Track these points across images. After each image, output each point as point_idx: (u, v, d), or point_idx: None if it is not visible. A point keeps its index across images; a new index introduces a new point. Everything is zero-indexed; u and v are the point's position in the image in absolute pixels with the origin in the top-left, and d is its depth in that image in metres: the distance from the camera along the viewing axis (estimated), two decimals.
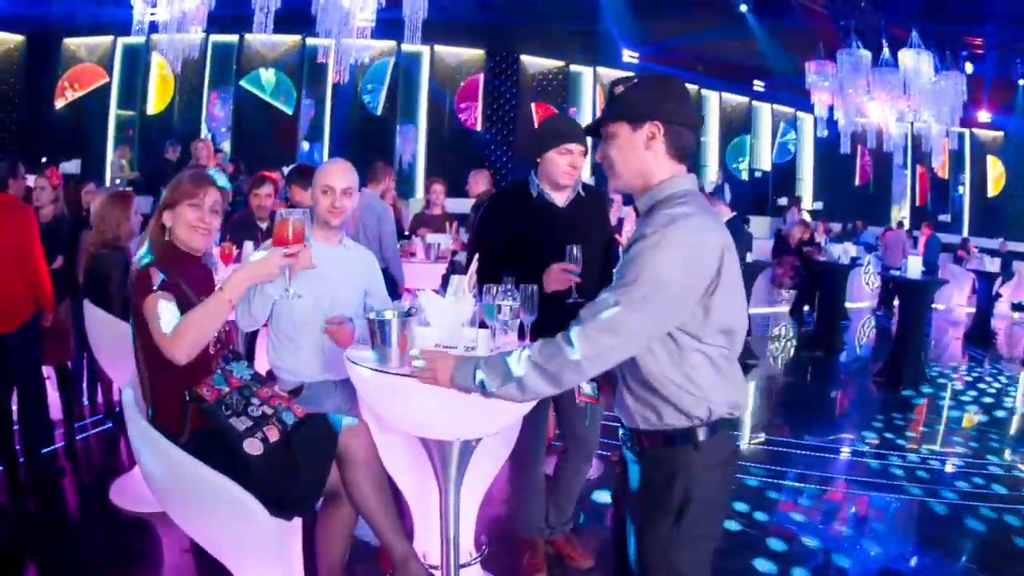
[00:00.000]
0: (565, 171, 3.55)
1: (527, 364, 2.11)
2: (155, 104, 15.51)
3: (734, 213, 8.65)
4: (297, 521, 2.84)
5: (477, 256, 3.10)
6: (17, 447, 4.78)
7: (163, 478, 2.77)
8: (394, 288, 4.52)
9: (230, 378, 2.79)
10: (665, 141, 2.17)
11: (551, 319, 2.83)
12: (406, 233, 7.67)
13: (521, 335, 2.77)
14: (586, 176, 3.67)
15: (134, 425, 2.74)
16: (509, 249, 3.49)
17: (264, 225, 5.80)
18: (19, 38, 14.69)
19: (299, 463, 2.74)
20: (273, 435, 2.72)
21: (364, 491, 2.83)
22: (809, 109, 18.58)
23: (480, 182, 7.41)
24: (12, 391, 4.80)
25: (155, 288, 2.68)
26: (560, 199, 3.64)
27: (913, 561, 4.27)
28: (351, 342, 3.13)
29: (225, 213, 3.18)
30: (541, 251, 3.43)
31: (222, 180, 2.97)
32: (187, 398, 2.71)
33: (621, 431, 2.32)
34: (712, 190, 15.36)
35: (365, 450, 2.86)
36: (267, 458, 2.68)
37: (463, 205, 8.14)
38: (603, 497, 4.68)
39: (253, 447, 2.66)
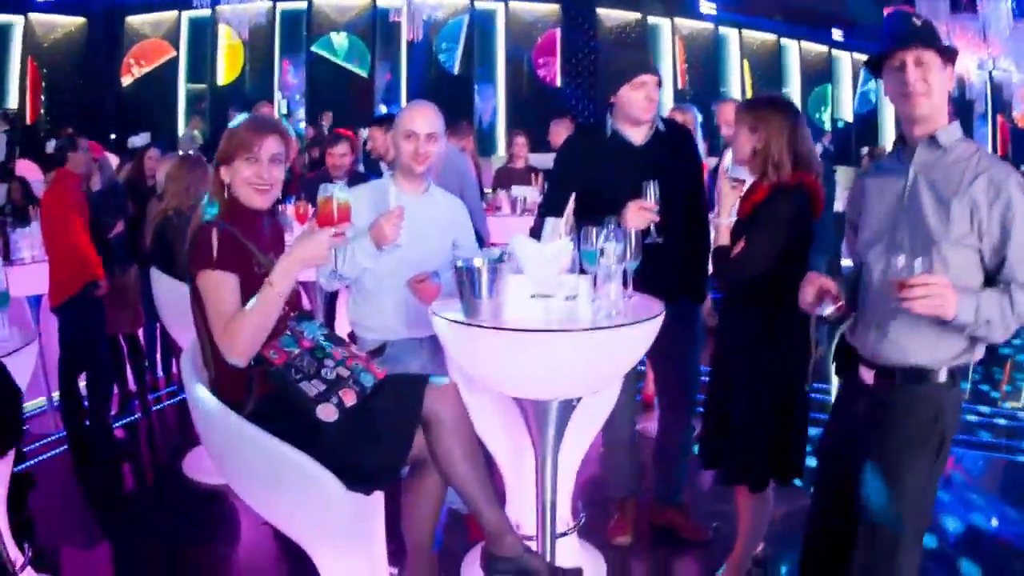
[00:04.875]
0: (643, 106, 3.31)
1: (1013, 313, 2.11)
2: (225, 75, 15.51)
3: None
4: (378, 495, 2.57)
5: (573, 198, 2.84)
6: (87, 422, 4.75)
7: (227, 452, 2.51)
8: (480, 244, 4.26)
9: (301, 339, 2.50)
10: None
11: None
12: (487, 191, 7.44)
13: (624, 283, 2.49)
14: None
15: (193, 394, 2.49)
16: (582, 190, 3.23)
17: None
18: (80, 20, 14.83)
19: (380, 430, 2.46)
20: (350, 399, 2.42)
21: (453, 458, 2.54)
22: None
23: (562, 132, 6.94)
24: (75, 366, 4.76)
25: (214, 257, 2.39)
26: (637, 136, 3.40)
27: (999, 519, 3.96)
28: (434, 297, 2.89)
29: (308, 166, 2.92)
30: (616, 191, 3.16)
31: (283, 125, 2.66)
32: (252, 363, 2.42)
33: (869, 370, 2.31)
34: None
35: (454, 413, 2.56)
36: (343, 425, 2.39)
37: (547, 160, 7.89)
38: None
39: (327, 413, 2.37)
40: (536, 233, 3.03)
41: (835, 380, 2.50)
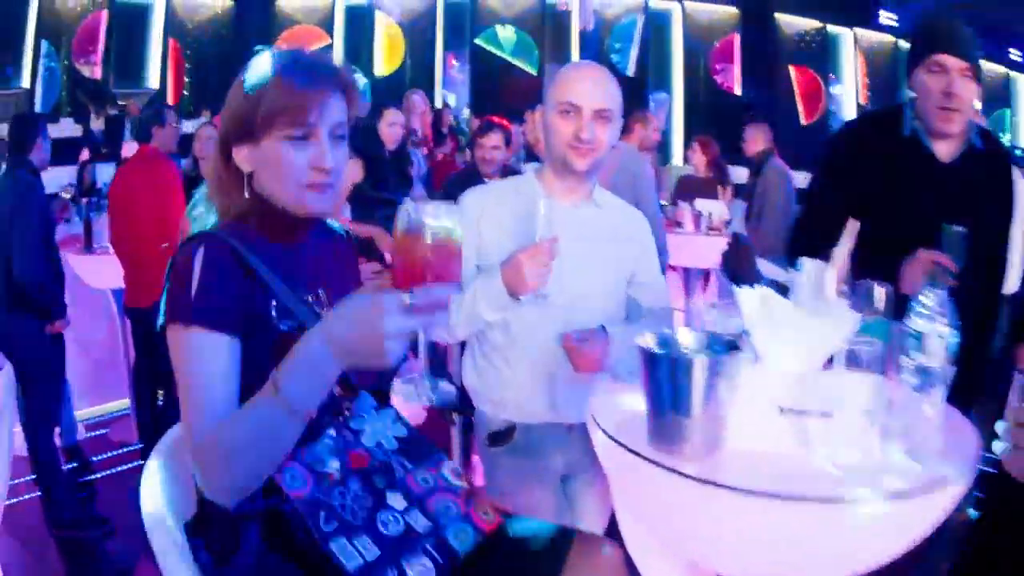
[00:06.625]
0: (937, 103, 2.13)
1: None
2: (384, 66, 15.05)
3: None
4: None
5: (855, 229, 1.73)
6: None
7: None
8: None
9: (350, 447, 1.33)
10: None
11: None
12: (663, 203, 6.37)
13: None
14: None
15: (151, 520, 1.39)
16: (855, 209, 2.08)
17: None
18: (227, 2, 14.56)
19: None
20: None
21: None
22: None
23: (759, 139, 6.09)
24: (151, 381, 4.22)
25: (189, 301, 1.26)
26: (944, 149, 2.21)
27: None
28: (599, 366, 1.84)
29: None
30: (899, 225, 2.06)
31: (350, 74, 1.43)
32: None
33: None
34: None
35: None
36: None
37: (738, 173, 7.03)
38: None
39: None
40: (737, 266, 1.96)
41: None
